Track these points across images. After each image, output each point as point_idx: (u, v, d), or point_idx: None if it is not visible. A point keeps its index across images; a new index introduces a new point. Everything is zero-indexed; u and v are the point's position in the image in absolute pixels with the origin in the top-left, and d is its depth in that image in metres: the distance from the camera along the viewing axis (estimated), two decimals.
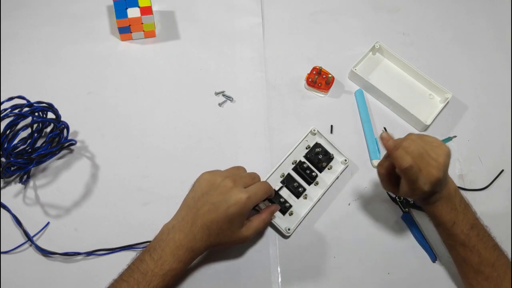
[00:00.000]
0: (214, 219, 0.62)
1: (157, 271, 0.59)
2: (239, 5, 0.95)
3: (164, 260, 0.60)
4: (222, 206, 0.62)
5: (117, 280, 0.60)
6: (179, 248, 0.61)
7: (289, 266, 0.71)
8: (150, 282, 0.59)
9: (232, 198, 0.62)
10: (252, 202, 0.63)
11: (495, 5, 1.00)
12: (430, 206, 0.65)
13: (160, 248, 0.61)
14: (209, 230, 0.62)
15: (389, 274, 0.71)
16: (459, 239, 0.64)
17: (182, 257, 0.61)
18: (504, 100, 0.88)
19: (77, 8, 0.92)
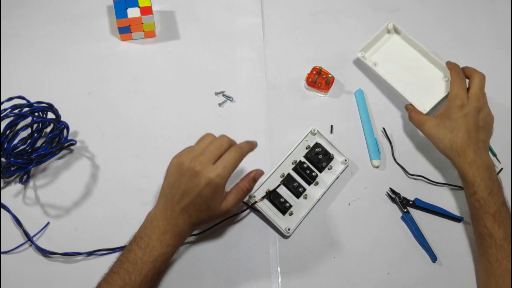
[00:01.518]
0: (190, 204, 0.62)
1: (147, 258, 0.60)
2: (239, 5, 0.95)
3: (152, 247, 0.61)
4: (195, 191, 0.61)
5: (107, 274, 0.61)
6: (164, 234, 0.61)
7: (289, 266, 0.71)
8: (141, 270, 0.59)
9: (202, 181, 0.61)
10: (224, 177, 0.61)
11: (495, 5, 1.00)
12: (472, 167, 0.70)
13: (146, 236, 0.61)
14: (188, 213, 0.62)
15: (389, 274, 0.71)
16: (491, 209, 0.67)
17: (170, 241, 0.62)
18: (504, 100, 0.88)
19: (77, 8, 0.92)
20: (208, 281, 0.69)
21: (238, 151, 0.64)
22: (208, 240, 0.72)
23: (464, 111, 0.73)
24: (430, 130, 0.75)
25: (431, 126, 0.75)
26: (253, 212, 0.74)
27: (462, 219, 0.75)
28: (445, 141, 0.73)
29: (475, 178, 0.69)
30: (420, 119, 0.77)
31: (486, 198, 0.68)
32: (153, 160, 0.78)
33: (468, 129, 0.72)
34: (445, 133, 0.74)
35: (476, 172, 0.70)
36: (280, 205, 0.73)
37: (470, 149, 0.71)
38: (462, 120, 0.73)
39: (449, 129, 0.73)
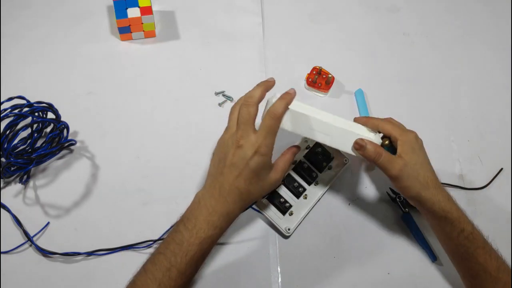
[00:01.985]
0: (239, 176, 0.60)
1: (193, 240, 0.58)
2: (239, 5, 0.95)
3: (199, 228, 0.59)
4: (242, 163, 0.60)
5: (154, 254, 0.59)
6: (212, 215, 0.60)
7: (289, 266, 0.71)
8: (187, 252, 0.58)
9: (248, 152, 0.60)
10: (268, 145, 0.60)
11: (495, 5, 1.00)
12: (447, 205, 0.63)
13: (193, 217, 0.60)
14: (239, 189, 0.60)
15: (389, 274, 0.71)
16: (480, 241, 0.62)
17: (217, 223, 0.60)
18: (504, 100, 0.88)
19: (77, 8, 0.92)
20: (208, 281, 0.69)
21: (272, 115, 0.62)
22: None
23: (419, 141, 0.67)
24: (403, 170, 0.63)
25: (402, 165, 0.63)
26: (253, 212, 0.74)
27: None
28: (420, 179, 0.63)
29: (459, 213, 0.63)
30: (389, 158, 0.64)
31: (473, 232, 0.63)
32: (153, 160, 0.78)
33: (428, 159, 0.66)
34: (417, 170, 0.64)
35: (456, 207, 0.64)
36: (280, 205, 0.73)
37: (438, 182, 0.65)
38: (423, 151, 0.66)
39: (419, 165, 0.64)
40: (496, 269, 0.61)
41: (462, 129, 0.84)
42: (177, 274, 0.57)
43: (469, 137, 0.84)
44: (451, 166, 0.80)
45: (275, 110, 0.62)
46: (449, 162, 0.81)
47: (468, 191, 0.78)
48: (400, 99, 0.87)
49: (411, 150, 0.65)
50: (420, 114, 0.86)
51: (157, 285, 0.56)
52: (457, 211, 0.63)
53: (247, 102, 0.63)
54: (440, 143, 0.83)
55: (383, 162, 0.64)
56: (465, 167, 0.81)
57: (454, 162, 0.81)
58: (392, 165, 0.64)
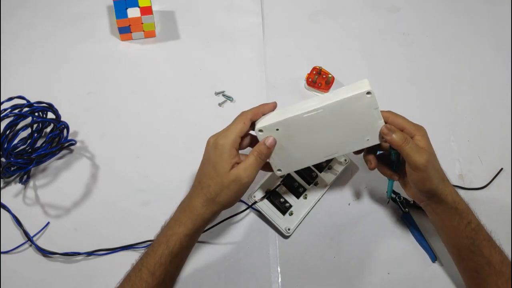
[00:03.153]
0: (201, 173, 0.61)
1: (161, 239, 0.59)
2: (239, 5, 0.95)
3: (168, 226, 0.60)
4: (207, 159, 0.61)
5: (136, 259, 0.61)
6: (180, 211, 0.61)
7: (289, 266, 0.71)
8: (156, 251, 0.58)
9: (213, 147, 0.61)
10: (227, 136, 0.60)
11: (495, 5, 1.00)
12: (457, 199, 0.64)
13: (170, 218, 0.62)
14: (200, 183, 0.61)
15: (389, 274, 0.71)
16: (485, 234, 0.63)
17: (183, 219, 0.60)
18: (504, 100, 0.88)
19: (77, 8, 0.92)
20: (208, 281, 0.69)
21: (241, 116, 0.63)
22: (208, 240, 0.72)
23: None
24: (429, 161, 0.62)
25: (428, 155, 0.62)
26: (253, 212, 0.74)
27: None
28: (439, 171, 0.64)
29: (466, 205, 0.64)
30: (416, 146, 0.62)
31: (479, 225, 0.64)
32: (153, 160, 0.78)
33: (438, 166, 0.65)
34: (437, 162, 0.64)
35: (462, 199, 0.65)
36: (280, 205, 0.73)
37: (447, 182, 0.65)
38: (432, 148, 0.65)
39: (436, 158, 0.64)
40: (500, 262, 0.62)
41: (462, 129, 0.84)
42: (147, 274, 0.57)
43: (469, 137, 0.84)
44: (451, 166, 0.80)
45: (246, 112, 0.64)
46: (449, 162, 0.81)
47: (468, 191, 0.78)
48: (400, 99, 0.87)
49: (429, 143, 0.64)
50: (420, 114, 0.85)
51: (130, 286, 0.57)
52: (464, 203, 0.64)
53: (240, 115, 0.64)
54: (440, 143, 0.82)
55: (411, 149, 0.61)
56: (465, 167, 0.81)
57: (454, 162, 0.81)
58: (420, 153, 0.61)
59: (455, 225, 0.64)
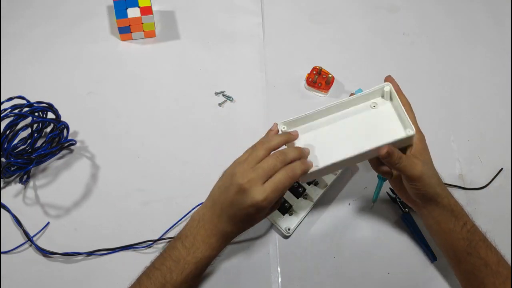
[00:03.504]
0: (235, 215, 0.59)
1: (190, 259, 0.58)
2: (239, 5, 0.95)
3: (197, 247, 0.59)
4: (240, 206, 0.58)
5: (149, 268, 0.60)
6: (210, 237, 0.60)
7: (289, 266, 0.71)
8: (183, 270, 0.58)
9: (248, 200, 0.58)
10: (271, 202, 0.58)
11: (495, 5, 1.00)
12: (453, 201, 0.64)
13: (191, 235, 0.60)
14: (235, 222, 0.60)
15: (389, 274, 0.71)
16: (480, 235, 0.63)
17: (215, 244, 0.60)
18: (504, 100, 0.88)
19: (77, 8, 0.92)
20: (208, 281, 0.69)
21: (290, 175, 0.59)
22: None
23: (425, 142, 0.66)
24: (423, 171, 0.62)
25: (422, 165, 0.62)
26: None
27: None
28: (435, 175, 0.64)
29: (460, 207, 0.64)
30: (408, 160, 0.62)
31: (474, 226, 0.64)
32: (153, 160, 0.78)
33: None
34: (432, 167, 0.64)
35: (456, 201, 0.65)
36: (280, 205, 0.72)
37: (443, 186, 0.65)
38: (427, 151, 0.65)
39: (431, 162, 0.65)
40: (497, 263, 0.61)
41: (462, 129, 0.84)
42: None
43: (469, 137, 0.84)
44: (451, 166, 0.80)
45: (294, 171, 0.59)
46: (449, 162, 0.81)
47: (468, 191, 0.78)
48: None
49: (425, 149, 0.65)
50: (420, 114, 0.85)
51: None
52: (458, 204, 0.64)
53: (281, 161, 0.59)
54: (440, 143, 0.83)
55: (404, 165, 0.61)
56: (465, 167, 0.81)
57: (454, 162, 0.81)
58: (413, 166, 0.61)
59: (451, 227, 0.64)
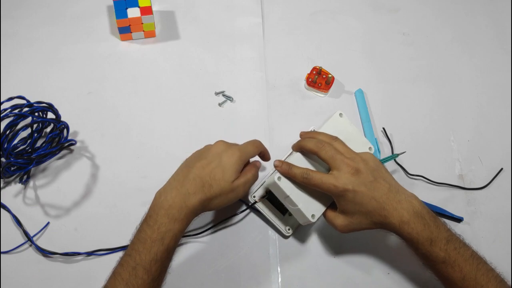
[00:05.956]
0: (207, 169, 0.62)
1: (155, 236, 0.58)
2: (239, 5, 0.95)
3: (160, 223, 0.59)
4: (216, 160, 0.63)
5: (122, 257, 0.60)
6: (172, 207, 0.60)
7: (289, 266, 0.71)
8: (150, 248, 0.58)
9: (226, 153, 0.64)
10: (245, 155, 0.65)
11: (495, 5, 1.00)
12: (402, 227, 0.60)
13: (154, 213, 0.60)
14: (202, 180, 0.61)
15: (389, 274, 0.71)
16: (439, 257, 0.60)
17: (177, 215, 0.59)
18: (504, 100, 0.88)
19: (77, 8, 0.92)
20: (208, 281, 0.69)
21: (257, 141, 0.70)
22: (208, 240, 0.72)
23: (349, 193, 0.62)
24: (349, 227, 0.64)
25: (346, 224, 0.64)
26: (253, 212, 0.74)
27: (462, 219, 0.75)
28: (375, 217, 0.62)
29: (411, 234, 0.60)
30: (331, 220, 0.65)
31: (429, 249, 0.60)
32: (153, 160, 0.78)
33: (369, 198, 0.61)
34: (360, 218, 0.63)
35: (409, 229, 0.60)
36: (280, 205, 0.72)
37: (389, 209, 0.61)
38: (358, 198, 0.62)
39: (361, 214, 0.63)
40: (461, 279, 0.59)
41: (462, 129, 0.84)
42: (143, 272, 0.57)
43: (469, 137, 0.84)
44: (451, 166, 0.80)
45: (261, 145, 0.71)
46: (449, 162, 0.81)
47: (468, 191, 0.78)
48: (400, 99, 0.87)
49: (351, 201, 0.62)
50: (420, 114, 0.86)
51: (125, 285, 0.56)
52: (408, 233, 0.60)
53: None
54: (440, 143, 0.83)
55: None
56: (465, 167, 0.81)
57: (454, 162, 0.81)
58: (336, 222, 0.65)
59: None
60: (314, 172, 0.64)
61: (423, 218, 0.61)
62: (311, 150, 0.65)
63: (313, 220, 0.65)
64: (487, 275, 0.59)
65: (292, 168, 0.65)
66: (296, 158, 0.67)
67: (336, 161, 0.63)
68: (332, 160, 0.63)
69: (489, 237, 0.65)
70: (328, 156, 0.64)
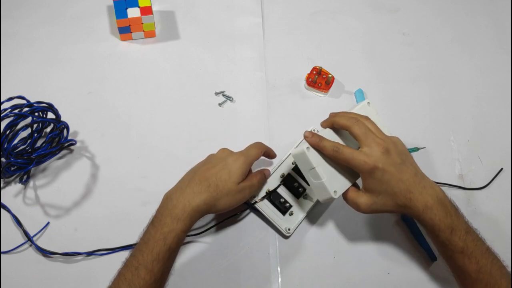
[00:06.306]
0: (213, 171, 0.64)
1: (158, 236, 0.59)
2: (239, 5, 0.95)
3: (164, 223, 0.59)
4: (221, 163, 0.65)
5: (127, 257, 0.60)
6: (176, 207, 0.60)
7: (289, 266, 0.71)
8: (152, 248, 0.58)
9: (231, 157, 0.66)
10: (249, 158, 0.67)
11: (495, 5, 1.00)
12: (425, 212, 0.61)
13: (160, 214, 0.61)
14: (208, 181, 0.62)
15: (389, 274, 0.71)
16: (458, 247, 0.60)
17: (180, 215, 0.60)
18: (504, 100, 0.88)
19: (77, 8, 0.92)
20: (208, 281, 0.69)
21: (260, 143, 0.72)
22: (208, 240, 0.72)
23: (378, 171, 0.61)
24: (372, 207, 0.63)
25: (369, 203, 0.63)
26: (253, 212, 0.74)
27: None
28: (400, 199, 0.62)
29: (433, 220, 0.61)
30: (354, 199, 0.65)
31: (449, 238, 0.60)
32: (153, 160, 0.78)
33: (397, 179, 0.61)
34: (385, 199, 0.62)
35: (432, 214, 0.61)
36: (280, 205, 0.73)
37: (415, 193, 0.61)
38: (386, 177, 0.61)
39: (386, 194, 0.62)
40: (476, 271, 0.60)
41: (462, 129, 0.84)
42: (145, 272, 0.57)
43: (469, 137, 0.84)
44: (451, 166, 0.80)
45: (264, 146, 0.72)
46: (449, 162, 0.81)
47: (468, 191, 0.78)
48: (400, 99, 0.87)
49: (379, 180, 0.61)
50: (420, 114, 0.86)
51: (127, 285, 0.56)
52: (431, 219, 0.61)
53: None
54: (440, 143, 0.83)
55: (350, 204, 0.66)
56: (465, 167, 0.81)
57: (454, 162, 0.81)
58: (359, 201, 0.64)
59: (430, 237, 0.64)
60: (345, 147, 0.62)
61: (445, 206, 0.61)
62: (343, 125, 0.64)
63: (335, 196, 0.63)
64: (501, 271, 0.60)
65: (323, 140, 0.63)
66: (325, 134, 0.65)
67: (368, 138, 0.62)
68: (364, 136, 0.62)
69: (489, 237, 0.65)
70: (360, 132, 0.62)
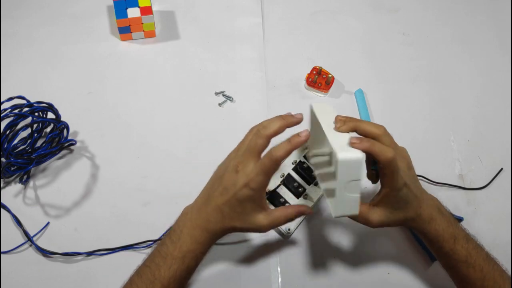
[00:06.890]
0: (226, 202, 0.58)
1: (176, 254, 0.58)
2: (239, 5, 0.95)
3: (183, 241, 0.58)
4: (232, 190, 0.57)
5: (140, 266, 0.60)
6: (195, 229, 0.59)
7: (289, 266, 0.71)
8: (170, 265, 0.57)
9: (240, 180, 0.57)
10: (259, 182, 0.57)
11: (495, 5, 1.00)
12: (430, 224, 0.60)
13: (178, 229, 0.60)
14: (222, 212, 0.59)
15: (389, 274, 0.71)
16: (462, 256, 0.59)
17: (199, 238, 0.59)
18: (504, 100, 0.88)
19: (77, 8, 0.92)
20: (208, 281, 0.69)
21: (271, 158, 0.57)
22: None
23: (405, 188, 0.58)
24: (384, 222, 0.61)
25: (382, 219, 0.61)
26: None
27: (462, 219, 0.75)
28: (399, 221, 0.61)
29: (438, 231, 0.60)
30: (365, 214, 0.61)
31: (452, 247, 0.60)
32: (153, 160, 0.78)
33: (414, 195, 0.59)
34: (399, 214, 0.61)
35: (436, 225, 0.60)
36: (280, 205, 0.72)
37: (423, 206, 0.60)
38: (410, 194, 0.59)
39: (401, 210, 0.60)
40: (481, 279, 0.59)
41: (462, 129, 0.84)
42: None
43: (469, 137, 0.84)
44: (451, 166, 0.80)
45: (276, 152, 0.56)
46: (449, 162, 0.81)
47: (468, 191, 0.78)
48: (400, 99, 0.87)
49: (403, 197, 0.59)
50: (420, 114, 0.86)
51: None
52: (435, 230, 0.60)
53: (259, 133, 0.59)
54: (440, 143, 0.83)
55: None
56: (465, 167, 0.81)
57: (454, 162, 0.81)
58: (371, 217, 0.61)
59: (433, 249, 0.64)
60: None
61: (445, 215, 0.61)
62: (372, 133, 0.58)
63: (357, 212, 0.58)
64: (502, 276, 0.60)
65: (375, 144, 0.56)
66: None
67: (397, 150, 0.58)
68: (394, 148, 0.58)
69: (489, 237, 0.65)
70: (390, 143, 0.58)
